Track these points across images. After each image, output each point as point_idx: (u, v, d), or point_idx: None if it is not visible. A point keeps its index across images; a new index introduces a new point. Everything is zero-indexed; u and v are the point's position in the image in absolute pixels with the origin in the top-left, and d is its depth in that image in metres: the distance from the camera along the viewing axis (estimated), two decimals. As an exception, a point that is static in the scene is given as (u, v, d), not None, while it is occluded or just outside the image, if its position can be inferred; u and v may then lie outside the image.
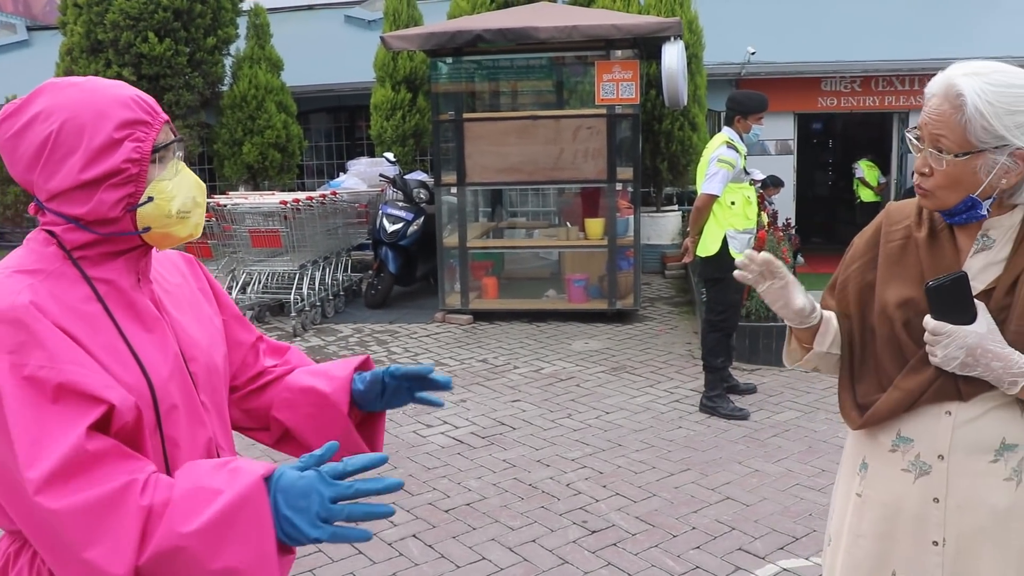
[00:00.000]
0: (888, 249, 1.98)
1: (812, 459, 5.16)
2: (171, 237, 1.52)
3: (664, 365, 7.34)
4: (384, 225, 9.73)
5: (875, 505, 2.01)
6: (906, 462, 1.93)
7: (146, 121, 1.46)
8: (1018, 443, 1.84)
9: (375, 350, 8.07)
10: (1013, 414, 1.84)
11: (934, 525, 1.90)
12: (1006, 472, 1.84)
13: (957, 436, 1.86)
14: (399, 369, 1.74)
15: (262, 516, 1.28)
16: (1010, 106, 1.72)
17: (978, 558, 1.87)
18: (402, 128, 12.04)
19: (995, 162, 1.74)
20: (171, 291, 1.62)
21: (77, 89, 1.45)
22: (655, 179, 11.82)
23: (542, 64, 9.70)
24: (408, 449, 5.48)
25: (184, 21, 11.75)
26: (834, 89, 14.03)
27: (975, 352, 1.76)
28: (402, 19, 12.05)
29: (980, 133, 1.72)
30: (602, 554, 4.07)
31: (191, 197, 1.53)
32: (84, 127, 1.41)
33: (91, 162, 1.40)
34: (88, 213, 1.42)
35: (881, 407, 1.94)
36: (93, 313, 1.42)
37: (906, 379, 1.90)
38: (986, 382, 1.81)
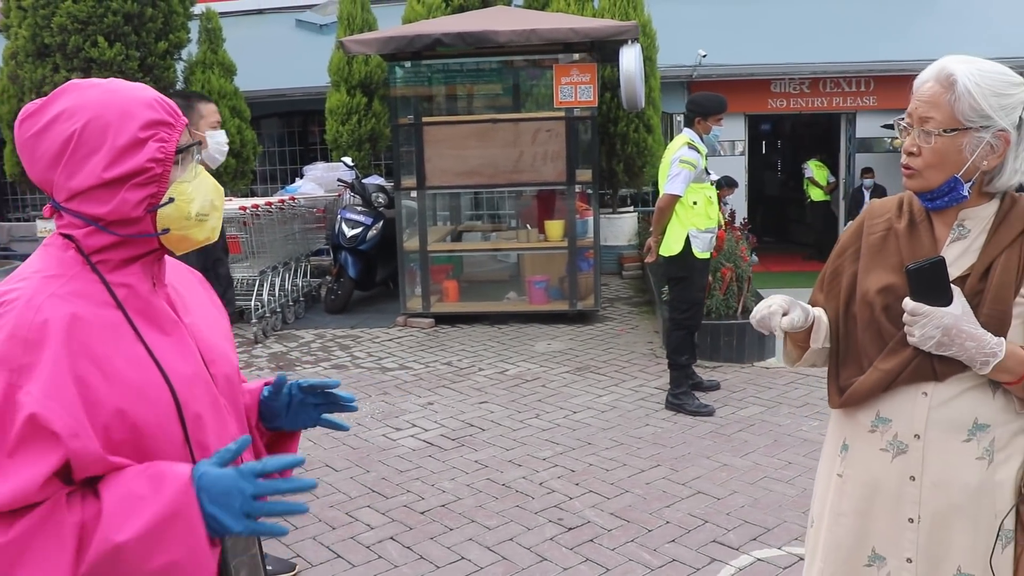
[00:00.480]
0: (870, 240, 2.09)
1: (778, 452, 5.27)
2: (189, 240, 1.53)
3: (627, 364, 7.42)
4: (343, 230, 9.71)
5: (855, 484, 2.10)
6: (884, 442, 2.03)
7: (169, 123, 1.46)
8: (990, 423, 1.93)
9: (338, 355, 8.05)
10: (985, 395, 1.93)
11: (910, 503, 1.99)
12: (978, 451, 1.93)
13: (933, 416, 1.95)
14: (305, 381, 1.70)
15: (192, 516, 1.35)
16: (996, 89, 1.85)
17: (951, 534, 1.96)
18: (358, 132, 12.02)
19: (980, 141, 1.86)
20: (184, 296, 1.63)
21: (101, 89, 1.45)
22: (611, 181, 11.93)
23: (500, 67, 9.75)
24: (379, 453, 5.48)
25: (135, 25, 11.57)
26: (783, 91, 14.29)
27: (951, 332, 1.86)
28: (356, 23, 12.03)
29: (967, 111, 1.85)
30: (580, 550, 4.12)
31: (209, 200, 1.54)
32: (109, 126, 1.41)
33: (115, 160, 1.40)
34: (110, 213, 1.42)
35: (861, 386, 2.04)
36: (113, 319, 1.42)
37: (885, 360, 2.00)
38: (960, 363, 1.90)
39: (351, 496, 4.82)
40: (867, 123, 14.30)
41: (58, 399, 1.31)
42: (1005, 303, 1.89)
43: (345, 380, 7.18)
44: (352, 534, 4.36)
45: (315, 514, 4.56)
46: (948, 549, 1.96)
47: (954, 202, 1.94)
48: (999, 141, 1.87)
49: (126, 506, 1.33)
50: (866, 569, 2.08)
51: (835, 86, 14.19)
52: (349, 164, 10.31)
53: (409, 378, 7.22)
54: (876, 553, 2.06)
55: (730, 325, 7.31)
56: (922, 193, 1.97)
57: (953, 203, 1.94)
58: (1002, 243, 1.92)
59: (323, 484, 4.94)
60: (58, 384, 1.32)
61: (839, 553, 2.13)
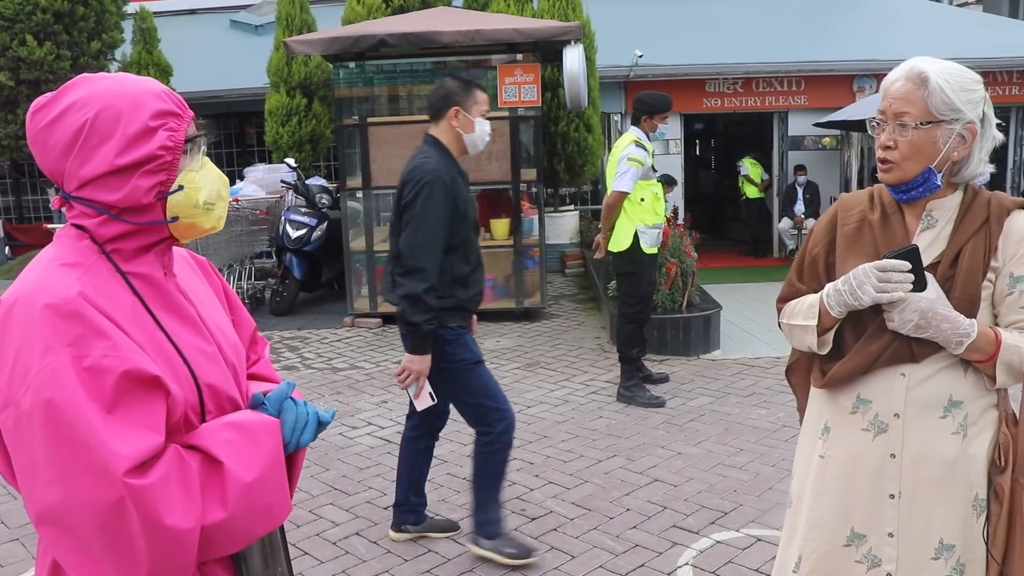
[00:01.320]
0: (845, 232, 2.21)
1: (730, 440, 5.42)
2: (196, 228, 1.57)
3: (577, 359, 7.53)
4: (288, 231, 9.68)
5: (837, 464, 2.21)
6: (865, 422, 2.15)
7: (178, 113, 1.52)
8: (963, 400, 2.07)
9: (287, 357, 8.03)
10: (958, 374, 2.07)
11: (891, 479, 2.11)
12: (953, 427, 2.07)
13: (911, 395, 2.08)
14: (271, 396, 1.68)
15: (282, 461, 1.57)
16: (963, 85, 2.02)
17: (930, 507, 2.08)
18: (298, 134, 11.96)
19: (951, 132, 2.01)
20: (191, 285, 1.67)
21: (111, 81, 1.50)
22: (552, 180, 12.05)
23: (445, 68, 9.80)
24: (337, 451, 5.50)
25: (66, 24, 11.38)
26: (718, 90, 14.56)
27: (927, 315, 1.99)
28: (295, 24, 11.96)
29: (940, 105, 2.00)
30: (544, 539, 4.21)
31: (215, 190, 1.59)
32: (120, 115, 1.45)
33: (127, 148, 1.45)
34: (122, 200, 1.46)
35: (842, 369, 2.15)
36: (133, 308, 1.47)
37: (865, 344, 2.12)
38: (936, 345, 2.04)
39: (313, 494, 4.84)
40: (798, 122, 14.67)
41: (133, 350, 1.40)
42: (974, 287, 2.03)
43: (296, 381, 7.15)
44: (317, 531, 4.38)
45: (279, 512, 4.57)
46: (929, 522, 2.08)
47: (928, 192, 2.07)
48: (968, 133, 2.02)
49: (237, 451, 1.46)
50: (845, 549, 2.18)
51: (767, 86, 14.51)
52: (292, 165, 10.26)
53: (361, 377, 7.24)
54: (855, 532, 2.17)
55: (676, 319, 7.47)
56: (897, 185, 2.09)
57: (927, 192, 2.07)
58: (968, 231, 2.06)
59: (284, 483, 4.94)
60: (123, 339, 1.40)
61: (820, 532, 2.23)
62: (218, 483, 1.43)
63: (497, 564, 3.92)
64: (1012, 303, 2.06)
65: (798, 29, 15.39)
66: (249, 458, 1.47)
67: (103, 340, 1.37)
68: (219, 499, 1.43)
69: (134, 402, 1.37)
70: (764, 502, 4.51)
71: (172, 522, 1.36)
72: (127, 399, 1.36)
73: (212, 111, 14.61)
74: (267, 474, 1.49)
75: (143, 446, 1.35)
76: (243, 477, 1.45)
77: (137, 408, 1.37)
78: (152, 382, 1.40)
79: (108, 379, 1.35)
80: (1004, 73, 14.27)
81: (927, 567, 2.09)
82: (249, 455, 1.47)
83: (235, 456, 1.45)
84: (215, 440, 1.46)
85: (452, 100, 3.75)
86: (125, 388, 1.36)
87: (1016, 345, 2.02)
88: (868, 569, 2.15)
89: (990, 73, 14.18)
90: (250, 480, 1.45)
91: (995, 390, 2.10)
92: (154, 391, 1.40)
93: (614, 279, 7.15)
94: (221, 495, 1.43)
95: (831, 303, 2.11)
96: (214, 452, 1.44)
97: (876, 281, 2.00)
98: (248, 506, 1.45)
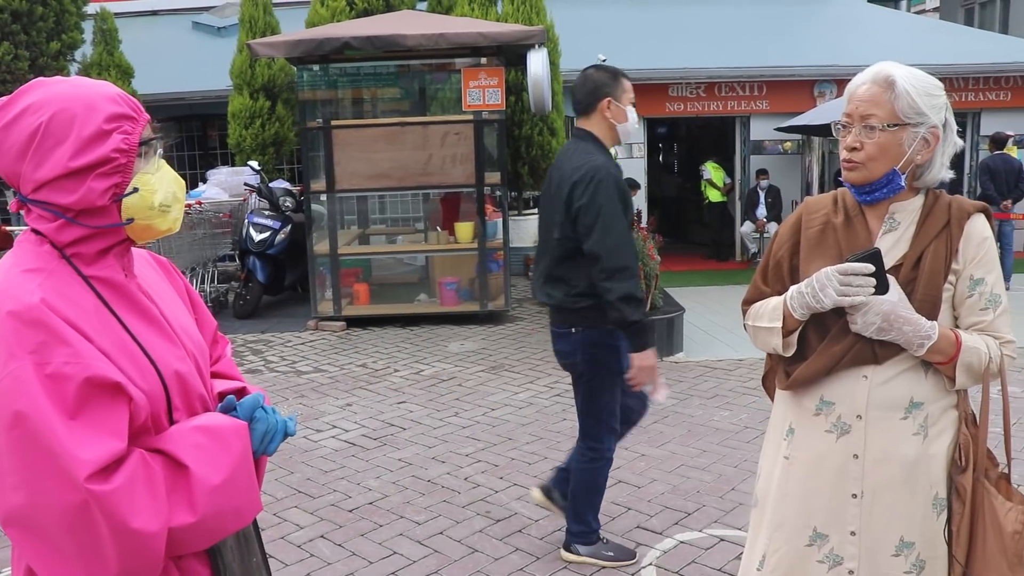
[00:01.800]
0: (808, 234, 2.25)
1: (692, 441, 5.48)
2: (152, 230, 1.59)
3: (541, 362, 7.56)
4: (251, 234, 9.62)
5: (801, 465, 2.25)
6: (829, 424, 2.18)
7: (132, 116, 1.53)
8: (923, 401, 2.12)
9: (251, 360, 7.98)
10: (919, 375, 2.12)
11: (853, 479, 2.15)
12: (914, 427, 2.11)
13: (873, 397, 2.12)
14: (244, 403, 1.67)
15: (251, 464, 1.60)
16: (927, 90, 2.07)
17: (891, 506, 2.13)
18: (262, 136, 11.87)
19: (916, 136, 2.07)
20: (153, 286, 1.68)
21: (67, 85, 1.52)
22: (516, 183, 12.08)
23: (409, 71, 9.81)
24: (301, 454, 5.49)
25: (24, 24, 11.18)
26: (681, 95, 14.67)
27: (890, 318, 2.03)
28: (259, 26, 11.88)
29: (906, 109, 2.05)
30: (510, 540, 4.23)
31: (171, 192, 1.60)
32: (75, 118, 1.47)
33: (81, 150, 1.46)
34: (76, 202, 1.47)
35: (806, 371, 2.19)
36: (96, 311, 1.48)
37: (828, 346, 2.16)
38: (897, 347, 2.08)
39: (277, 497, 4.82)
40: (760, 126, 14.81)
41: (96, 357, 1.41)
42: (936, 289, 2.08)
43: (260, 384, 7.14)
44: (282, 534, 4.37)
45: (243, 516, 4.55)
46: (889, 520, 2.13)
47: (892, 192, 2.11)
48: (931, 137, 2.08)
49: (204, 455, 1.48)
50: (807, 548, 2.22)
51: (730, 90, 14.65)
52: (255, 168, 10.21)
53: (325, 380, 7.22)
54: (818, 532, 2.20)
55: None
56: (861, 186, 2.13)
57: (891, 194, 2.11)
58: (930, 234, 2.11)
59: (248, 486, 4.92)
60: (86, 346, 1.41)
61: (782, 532, 2.27)
62: (185, 487, 1.46)
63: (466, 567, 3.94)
64: (972, 305, 2.11)
65: (760, 34, 15.56)
66: (217, 461, 1.49)
67: (65, 347, 1.38)
68: (187, 502, 1.45)
69: (96, 408, 1.39)
70: (727, 503, 4.56)
71: (138, 525, 1.38)
72: (89, 405, 1.39)
73: (174, 113, 14.47)
74: (235, 476, 1.51)
75: (105, 451, 1.37)
76: (211, 480, 1.47)
77: (99, 414, 1.39)
78: (114, 388, 1.42)
79: (70, 386, 1.37)
80: (960, 79, 14.52)
81: (888, 563, 2.13)
82: (217, 458, 1.50)
83: (202, 460, 1.48)
84: (183, 444, 1.48)
85: (603, 92, 3.66)
86: (87, 394, 1.38)
87: (976, 347, 2.07)
88: (830, 568, 2.18)
89: (947, 79, 14.39)
90: (218, 483, 1.48)
91: (955, 391, 2.14)
92: (116, 397, 1.42)
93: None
94: (189, 498, 1.45)
95: (794, 305, 2.15)
96: (181, 457, 1.47)
97: (838, 284, 2.04)
98: (217, 508, 1.48)
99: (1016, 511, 2.07)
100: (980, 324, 2.11)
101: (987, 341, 2.10)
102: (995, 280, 2.12)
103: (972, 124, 14.97)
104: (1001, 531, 2.05)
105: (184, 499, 1.45)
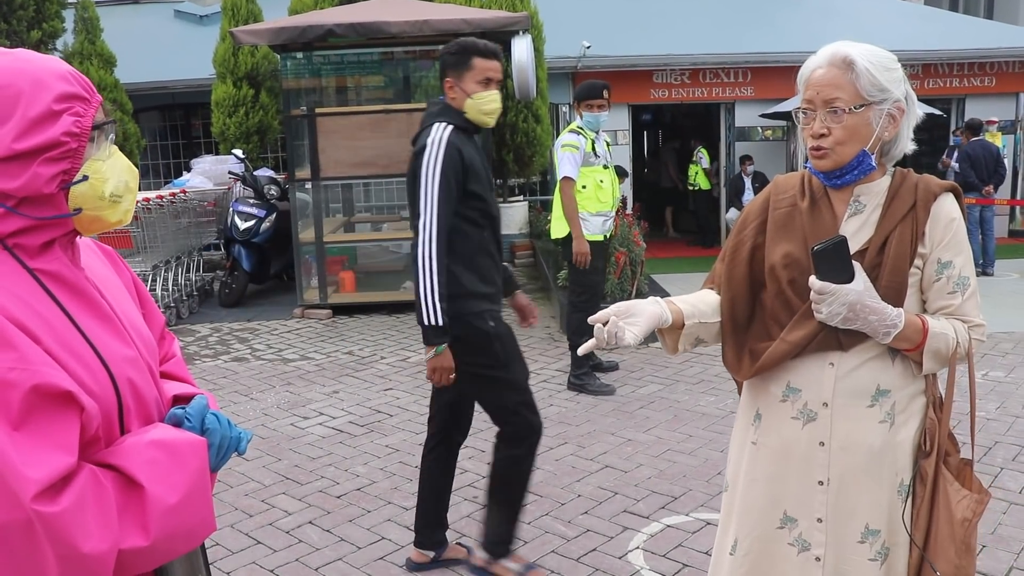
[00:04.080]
0: (775, 216, 2.22)
1: (679, 426, 5.51)
2: (101, 221, 1.46)
3: (527, 348, 7.57)
4: (236, 223, 9.60)
5: (768, 451, 2.24)
6: (795, 410, 2.17)
7: (85, 97, 1.40)
8: (890, 389, 2.10)
9: (237, 348, 7.97)
10: (885, 363, 2.09)
11: (819, 466, 2.14)
12: (881, 415, 2.10)
13: (839, 385, 2.11)
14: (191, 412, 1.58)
15: (207, 479, 1.47)
16: (886, 65, 2.04)
17: (857, 494, 2.12)
18: (245, 125, 11.85)
19: (881, 112, 2.03)
20: (102, 278, 1.57)
21: (11, 58, 1.37)
22: (501, 170, 12.08)
23: (393, 58, 9.78)
24: (288, 441, 5.49)
25: (3, 12, 11.12)
26: (665, 81, 14.68)
27: (855, 308, 2.00)
28: (242, 14, 11.84)
29: (868, 87, 2.01)
30: (497, 525, 4.24)
31: (123, 181, 1.48)
32: (20, 95, 1.33)
33: (27, 131, 1.33)
34: (21, 188, 1.34)
35: (769, 357, 2.17)
36: (43, 307, 1.36)
37: (792, 332, 2.14)
38: (863, 334, 2.06)
39: (265, 484, 4.82)
40: (745, 112, 14.84)
41: (44, 362, 1.28)
42: (901, 274, 2.05)
43: (246, 372, 7.14)
44: (270, 520, 4.37)
45: (230, 503, 4.55)
46: (855, 507, 2.12)
47: (863, 174, 2.08)
48: (896, 111, 2.04)
49: (159, 472, 1.37)
50: (778, 531, 2.21)
51: (714, 77, 14.67)
52: (240, 156, 10.19)
53: (312, 368, 7.22)
54: (788, 515, 2.20)
55: (625, 308, 7.53)
56: (830, 172, 2.09)
57: (862, 175, 2.08)
58: (896, 217, 2.07)
59: (235, 473, 4.93)
60: (33, 349, 1.28)
61: (752, 516, 2.27)
62: (138, 507, 1.35)
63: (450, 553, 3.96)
64: (940, 289, 2.07)
65: (744, 21, 15.58)
66: (173, 480, 1.38)
67: (9, 351, 1.25)
68: (139, 524, 1.34)
69: (44, 419, 1.27)
70: (713, 487, 4.59)
71: (88, 549, 1.27)
72: (36, 416, 1.26)
73: (158, 102, 14.42)
74: (191, 496, 1.40)
75: (53, 468, 1.25)
76: (166, 500, 1.36)
77: (47, 425, 1.27)
78: (64, 397, 1.29)
79: (15, 394, 1.24)
80: (945, 65, 14.58)
81: (853, 550, 2.12)
82: (173, 477, 1.38)
83: (157, 478, 1.37)
84: (137, 460, 1.36)
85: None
86: (34, 404, 1.26)
87: (943, 332, 2.04)
88: (799, 552, 2.18)
89: (932, 66, 14.49)
90: (173, 503, 1.37)
91: (923, 377, 2.12)
92: (66, 407, 1.29)
93: (564, 268, 7.20)
94: (141, 519, 1.34)
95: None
96: (135, 474, 1.35)
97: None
98: (171, 530, 1.38)
99: (969, 499, 2.05)
100: (948, 308, 2.07)
101: (955, 325, 2.07)
102: (963, 263, 2.07)
103: (957, 110, 15.03)
104: (952, 518, 2.03)
105: (136, 521, 1.34)
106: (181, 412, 1.52)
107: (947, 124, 14.78)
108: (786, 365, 2.17)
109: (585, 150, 6.24)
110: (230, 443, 1.55)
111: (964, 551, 2.04)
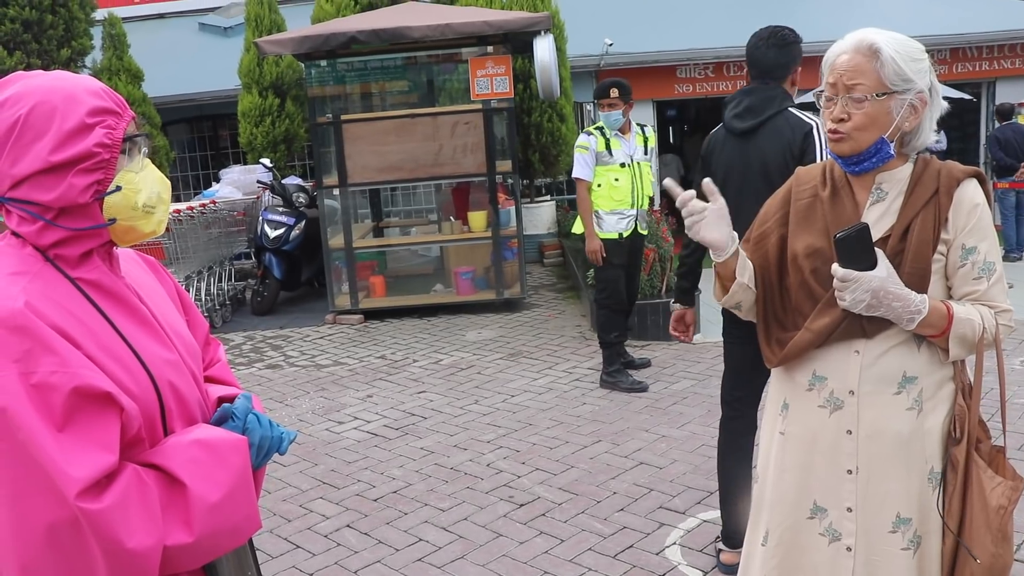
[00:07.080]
0: (797, 207, 2.23)
1: (712, 421, 5.47)
2: (135, 231, 1.51)
3: (559, 348, 7.59)
4: (266, 231, 9.67)
5: (796, 440, 2.25)
6: (822, 399, 2.18)
7: (116, 111, 1.47)
8: (917, 375, 2.09)
9: (271, 355, 8.04)
10: (911, 349, 2.09)
11: (847, 455, 2.15)
12: (908, 402, 2.10)
13: (865, 372, 2.11)
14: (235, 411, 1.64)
15: (250, 479, 1.53)
16: (912, 55, 2.03)
17: (886, 482, 2.11)
18: (272, 134, 11.94)
19: (903, 103, 2.03)
20: (143, 286, 1.62)
21: (47, 77, 1.45)
22: (527, 170, 12.10)
23: (416, 63, 9.83)
24: (324, 446, 5.54)
25: (35, 32, 11.29)
26: (689, 76, 14.61)
27: (879, 294, 1.99)
28: (265, 24, 11.93)
29: (892, 76, 2.01)
30: (534, 524, 4.26)
31: (156, 192, 1.53)
32: (55, 110, 1.40)
33: (62, 144, 1.39)
34: (56, 200, 1.40)
35: (795, 346, 2.18)
36: (86, 315, 1.42)
37: (816, 321, 2.15)
38: (887, 321, 2.05)
39: (303, 489, 4.87)
40: (770, 104, 14.70)
41: (84, 365, 1.34)
42: (924, 260, 2.04)
43: (281, 379, 7.20)
44: (308, 525, 4.42)
45: (269, 508, 4.60)
46: (885, 496, 2.11)
47: (881, 162, 2.08)
48: (919, 102, 2.03)
49: (202, 470, 1.42)
50: (809, 521, 2.22)
51: (738, 69, 14.57)
52: (268, 165, 10.26)
53: (345, 373, 7.27)
54: (818, 505, 2.20)
55: (656, 304, 7.53)
56: (849, 157, 2.09)
57: (880, 163, 2.08)
58: (918, 204, 2.07)
59: (273, 479, 4.98)
60: (73, 354, 1.34)
61: (783, 506, 2.27)
62: (181, 504, 1.39)
63: (491, 552, 3.97)
64: (965, 275, 2.06)
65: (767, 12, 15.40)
66: (215, 478, 1.43)
67: (51, 355, 1.31)
68: (183, 521, 1.39)
69: (85, 420, 1.32)
70: (748, 479, 4.58)
71: (133, 545, 1.32)
72: (78, 417, 1.31)
73: (185, 115, 14.56)
74: (234, 493, 1.45)
75: (96, 466, 1.30)
76: (208, 498, 1.41)
77: (88, 426, 1.32)
78: (104, 398, 1.34)
79: (57, 396, 1.29)
80: (974, 49, 14.40)
81: (885, 540, 2.12)
82: (215, 474, 1.43)
83: (200, 476, 1.41)
84: (179, 459, 1.41)
85: None
86: (75, 405, 1.31)
87: (969, 318, 2.02)
88: (830, 543, 2.18)
89: (960, 49, 14.31)
90: (215, 500, 1.42)
91: (951, 363, 2.10)
92: (106, 407, 1.35)
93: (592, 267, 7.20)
94: (185, 517, 1.39)
95: None
96: (177, 473, 1.40)
97: None
98: (214, 527, 1.42)
99: (1004, 486, 2.04)
100: (974, 294, 2.06)
101: (981, 311, 2.05)
102: (988, 248, 2.06)
103: (987, 93, 14.83)
104: (986, 506, 2.02)
105: (180, 518, 1.38)
106: (229, 408, 1.58)
107: (977, 108, 14.61)
108: (812, 354, 2.18)
109: (597, 149, 6.28)
110: (271, 443, 1.60)
111: (1001, 539, 2.03)
